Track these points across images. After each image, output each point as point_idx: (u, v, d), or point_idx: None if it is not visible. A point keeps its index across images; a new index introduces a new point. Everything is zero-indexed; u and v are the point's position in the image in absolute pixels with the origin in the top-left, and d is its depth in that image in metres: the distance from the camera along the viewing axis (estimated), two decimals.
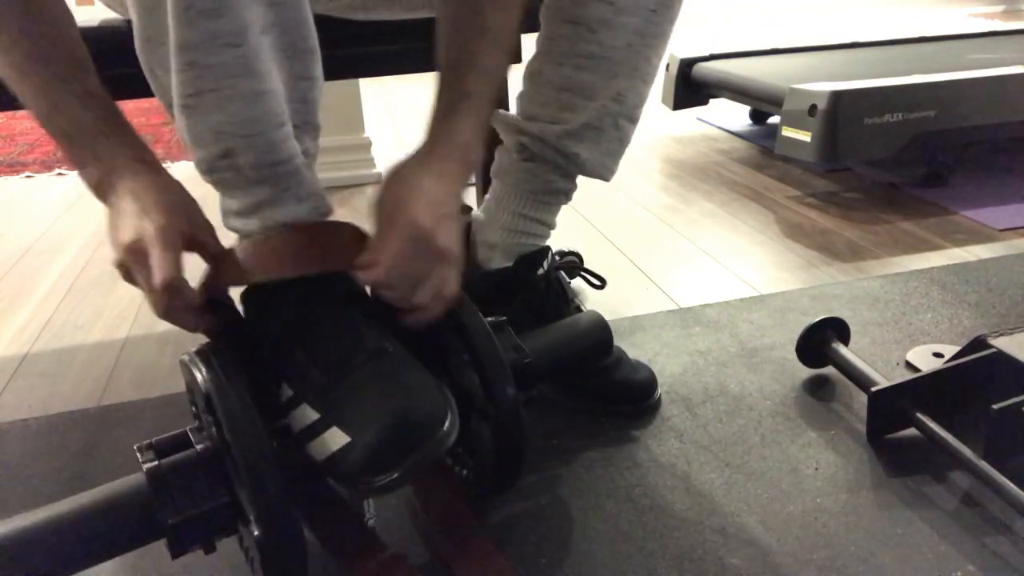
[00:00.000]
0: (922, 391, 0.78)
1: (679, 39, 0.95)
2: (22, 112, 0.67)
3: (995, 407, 0.70)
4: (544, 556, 0.67)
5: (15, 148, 2.27)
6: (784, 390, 0.90)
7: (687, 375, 0.94)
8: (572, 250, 1.05)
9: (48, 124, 0.60)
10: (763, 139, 1.99)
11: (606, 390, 0.86)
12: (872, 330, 1.02)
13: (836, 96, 1.44)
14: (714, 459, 0.79)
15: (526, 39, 0.89)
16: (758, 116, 2.13)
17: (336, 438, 0.57)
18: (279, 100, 0.57)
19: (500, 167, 0.87)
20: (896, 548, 0.66)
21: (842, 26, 4.04)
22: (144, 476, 0.57)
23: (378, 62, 0.95)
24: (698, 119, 2.23)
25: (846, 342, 0.92)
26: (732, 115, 2.20)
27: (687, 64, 1.97)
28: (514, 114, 0.86)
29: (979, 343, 0.80)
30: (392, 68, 1.00)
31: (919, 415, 0.77)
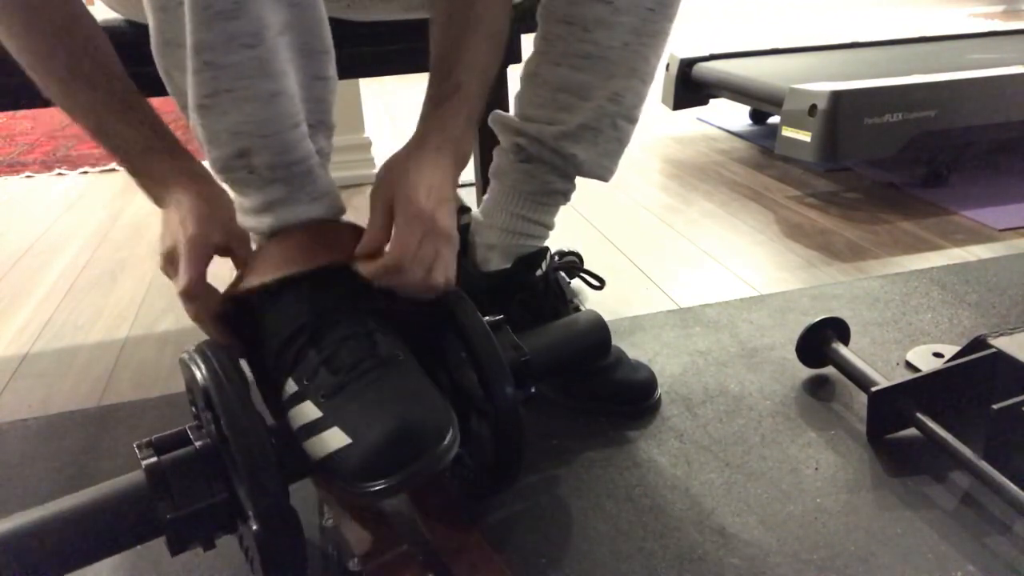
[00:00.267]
0: (922, 391, 0.78)
1: (679, 39, 0.95)
2: (22, 112, 0.69)
3: (995, 407, 0.70)
4: (544, 556, 0.67)
5: (15, 148, 2.27)
6: (784, 390, 0.90)
7: (687, 375, 0.94)
8: (572, 250, 1.05)
9: (98, 140, 0.66)
10: (763, 139, 1.99)
11: (606, 390, 0.86)
12: (872, 330, 1.02)
13: (836, 96, 1.44)
14: (714, 459, 0.79)
15: (525, 39, 0.89)
16: (758, 116, 2.14)
17: (336, 438, 0.57)
18: (294, 101, 0.58)
19: (498, 168, 0.87)
20: (896, 548, 0.66)
21: (842, 26, 4.04)
22: (143, 473, 0.57)
23: (378, 62, 0.95)
24: (698, 119, 2.23)
25: (846, 342, 0.92)
26: (732, 115, 2.20)
27: (687, 64, 1.97)
28: (512, 115, 0.85)
29: (979, 343, 0.80)
30: (392, 68, 1.00)
31: (919, 415, 0.77)
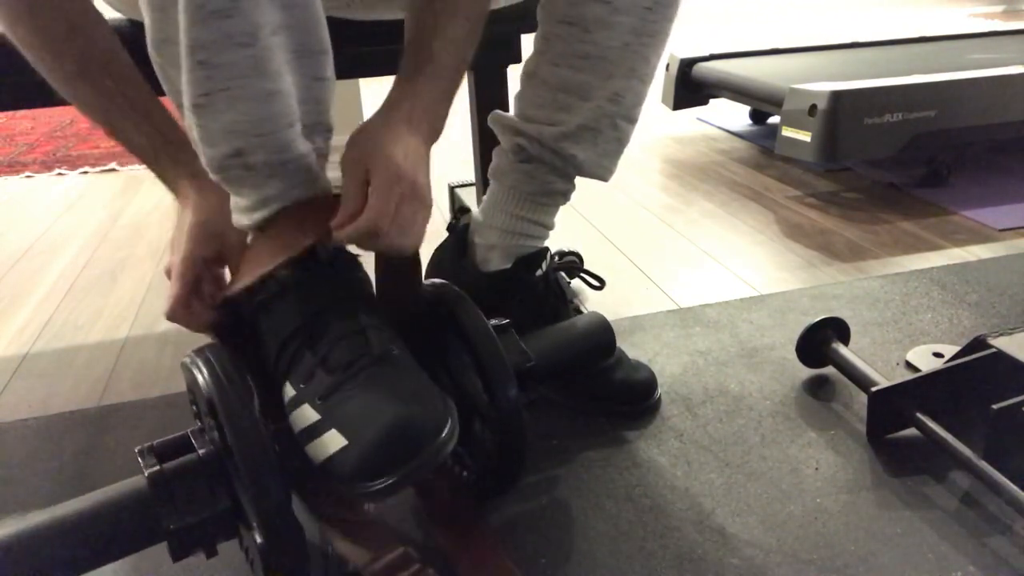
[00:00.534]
0: (922, 391, 0.78)
1: (679, 39, 0.95)
2: (22, 112, 0.70)
3: (995, 407, 0.70)
4: (544, 556, 0.67)
5: (15, 148, 2.27)
6: (784, 390, 0.90)
7: (687, 375, 0.94)
8: (572, 250, 1.05)
9: (113, 140, 0.69)
10: (763, 139, 1.99)
11: (606, 390, 0.86)
12: (872, 330, 1.02)
13: (836, 96, 1.44)
14: (714, 459, 0.79)
15: (525, 39, 0.89)
16: (758, 116, 2.13)
17: (334, 440, 0.57)
18: (290, 100, 0.58)
19: (498, 168, 0.87)
20: (896, 548, 0.66)
21: (842, 26, 4.04)
22: (145, 480, 0.57)
23: (378, 62, 0.95)
24: (698, 119, 2.23)
25: (846, 342, 0.92)
26: (732, 115, 2.20)
27: (687, 64, 1.97)
28: (511, 115, 0.85)
29: (979, 343, 0.80)
30: (392, 68, 0.99)
31: (919, 415, 0.77)
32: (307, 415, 0.59)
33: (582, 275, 0.98)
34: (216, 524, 0.57)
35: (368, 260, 0.67)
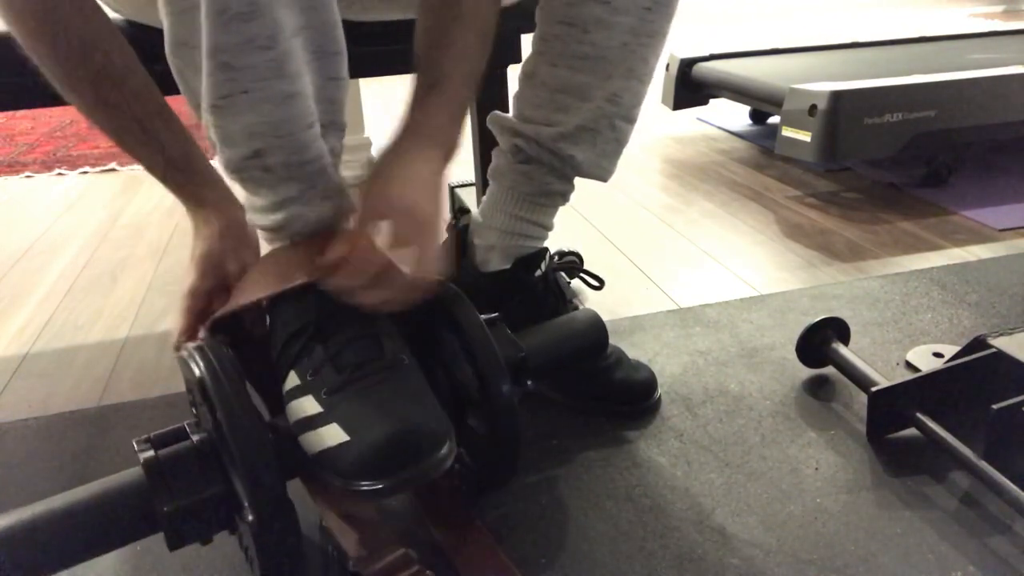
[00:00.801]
0: (922, 391, 0.78)
1: (679, 39, 0.95)
2: (22, 112, 0.70)
3: (995, 407, 0.70)
4: (544, 556, 0.67)
5: (15, 148, 2.27)
6: (784, 390, 0.90)
7: (687, 375, 0.94)
8: (572, 250, 1.05)
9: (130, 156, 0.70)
10: (763, 139, 1.99)
11: (606, 390, 0.86)
12: (872, 330, 1.02)
13: (836, 96, 1.44)
14: (714, 459, 0.79)
15: (525, 39, 0.89)
16: (758, 116, 2.13)
17: (334, 435, 0.57)
18: (308, 101, 0.58)
19: (496, 169, 0.87)
20: (896, 548, 0.66)
21: (842, 26, 4.04)
22: (141, 469, 0.57)
23: (378, 62, 0.95)
24: (698, 119, 2.23)
25: (846, 342, 0.92)
26: (732, 115, 2.20)
27: (687, 64, 1.97)
28: (510, 115, 0.85)
29: (979, 343, 0.80)
30: (392, 68, 1.00)
31: (919, 415, 0.77)
32: (309, 406, 0.59)
33: (582, 275, 0.98)
34: (210, 508, 0.58)
35: None
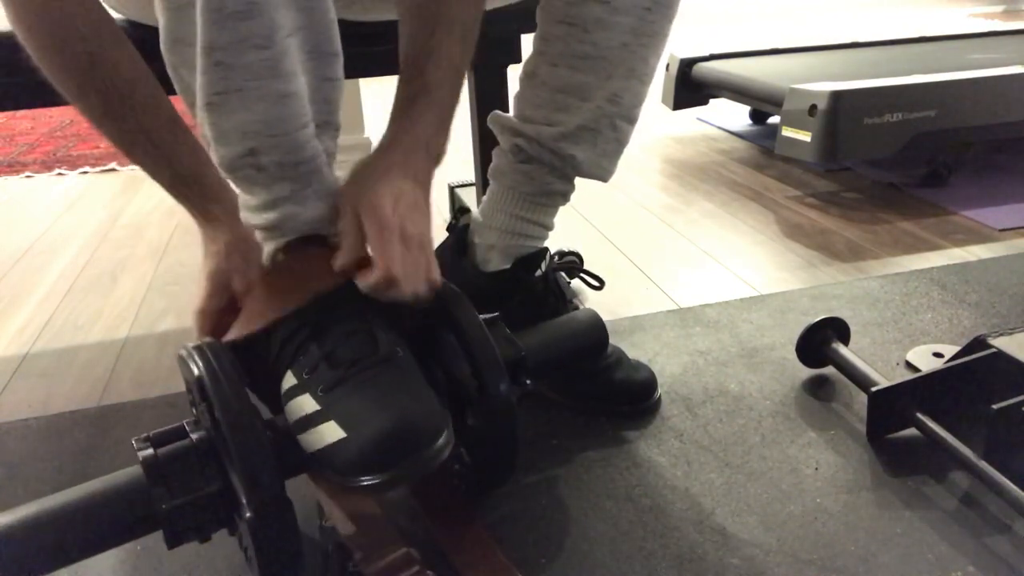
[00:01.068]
0: (922, 391, 0.78)
1: (679, 39, 0.95)
2: (22, 112, 0.69)
3: (995, 407, 0.70)
4: (544, 556, 0.67)
5: (15, 148, 2.27)
6: (784, 390, 0.90)
7: (687, 375, 0.94)
8: (572, 250, 1.05)
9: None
10: (763, 139, 1.99)
11: (606, 390, 0.86)
12: (872, 330, 1.02)
13: (836, 96, 1.44)
14: (714, 459, 0.79)
15: (525, 39, 0.89)
16: (758, 116, 2.13)
17: (332, 432, 0.57)
18: (303, 101, 0.58)
19: (497, 169, 0.87)
20: (896, 548, 0.66)
21: (842, 26, 4.04)
22: (140, 467, 0.57)
23: (378, 62, 0.95)
24: (698, 119, 2.23)
25: (846, 342, 0.92)
26: (732, 115, 2.20)
27: (687, 64, 1.97)
28: (510, 115, 0.85)
29: (979, 343, 0.80)
30: (392, 68, 0.99)
31: (919, 415, 0.77)
32: (306, 405, 0.59)
33: (582, 275, 0.98)
34: (208, 506, 0.58)
35: None
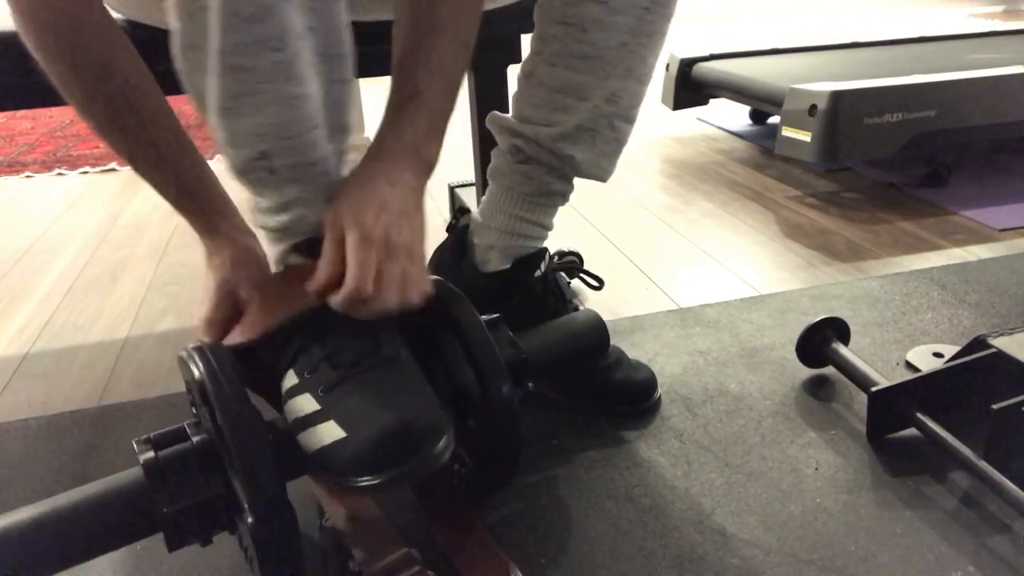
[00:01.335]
0: (922, 391, 0.78)
1: (678, 39, 0.95)
2: (22, 112, 0.69)
3: (995, 407, 0.70)
4: (544, 556, 0.67)
5: (15, 148, 2.27)
6: (784, 390, 0.90)
7: (687, 375, 0.94)
8: (572, 250, 1.05)
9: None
10: (763, 139, 1.99)
11: (606, 390, 0.86)
12: (872, 330, 1.02)
13: (836, 96, 1.44)
14: (714, 459, 0.79)
15: (524, 39, 0.89)
16: (758, 116, 2.13)
17: (331, 432, 0.57)
18: (315, 103, 0.58)
19: (496, 169, 0.87)
20: (896, 548, 0.66)
21: (842, 26, 4.04)
22: (141, 470, 0.57)
23: (378, 62, 0.95)
24: (698, 119, 2.23)
25: (846, 342, 0.92)
26: (732, 115, 2.20)
27: (687, 64, 1.97)
28: (509, 115, 0.85)
29: (979, 343, 0.80)
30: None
31: (919, 415, 0.77)
32: (306, 404, 0.60)
33: (582, 275, 0.98)
34: (209, 509, 0.58)
35: None
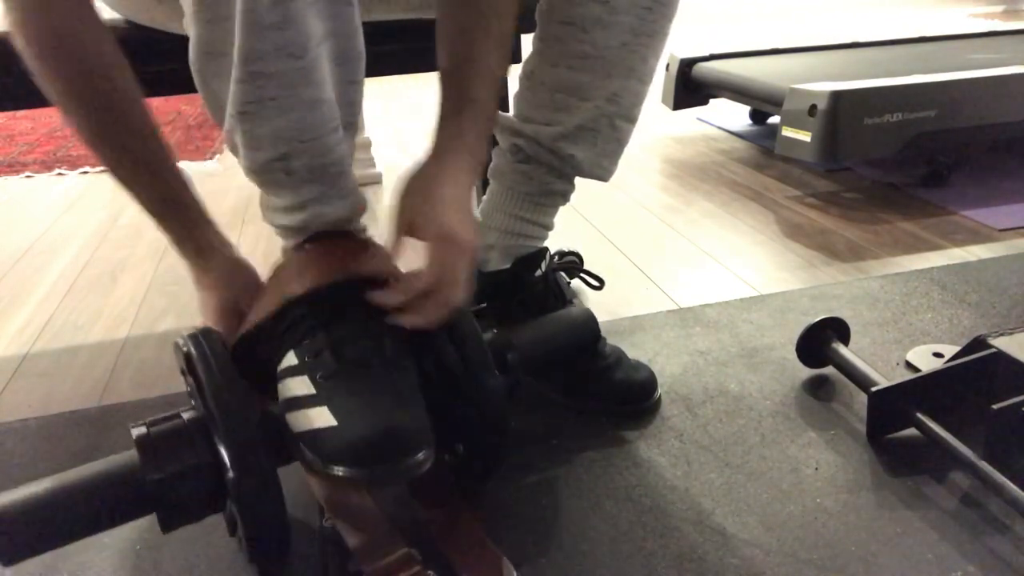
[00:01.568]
0: (922, 391, 0.78)
1: (679, 39, 0.95)
2: (22, 112, 0.69)
3: (995, 407, 0.70)
4: (544, 556, 0.67)
5: (15, 148, 2.27)
6: (784, 390, 0.90)
7: (687, 375, 0.94)
8: (572, 250, 1.05)
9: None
10: (763, 139, 1.99)
11: (606, 390, 0.86)
12: (872, 330, 1.02)
13: (836, 96, 1.44)
14: (714, 459, 0.79)
15: (524, 39, 0.89)
16: (758, 116, 2.13)
17: (322, 417, 0.58)
18: (333, 106, 0.59)
19: (497, 169, 0.87)
20: (896, 548, 0.66)
21: (842, 26, 4.04)
22: (135, 450, 0.59)
23: (378, 62, 0.95)
24: (698, 119, 2.23)
25: (846, 342, 0.92)
26: (732, 115, 2.20)
27: (687, 64, 1.97)
28: (510, 115, 0.85)
29: (979, 343, 0.80)
30: (392, 68, 1.00)
31: (919, 415, 0.77)
32: (302, 386, 0.60)
33: (582, 275, 0.98)
34: (198, 480, 0.59)
35: None
